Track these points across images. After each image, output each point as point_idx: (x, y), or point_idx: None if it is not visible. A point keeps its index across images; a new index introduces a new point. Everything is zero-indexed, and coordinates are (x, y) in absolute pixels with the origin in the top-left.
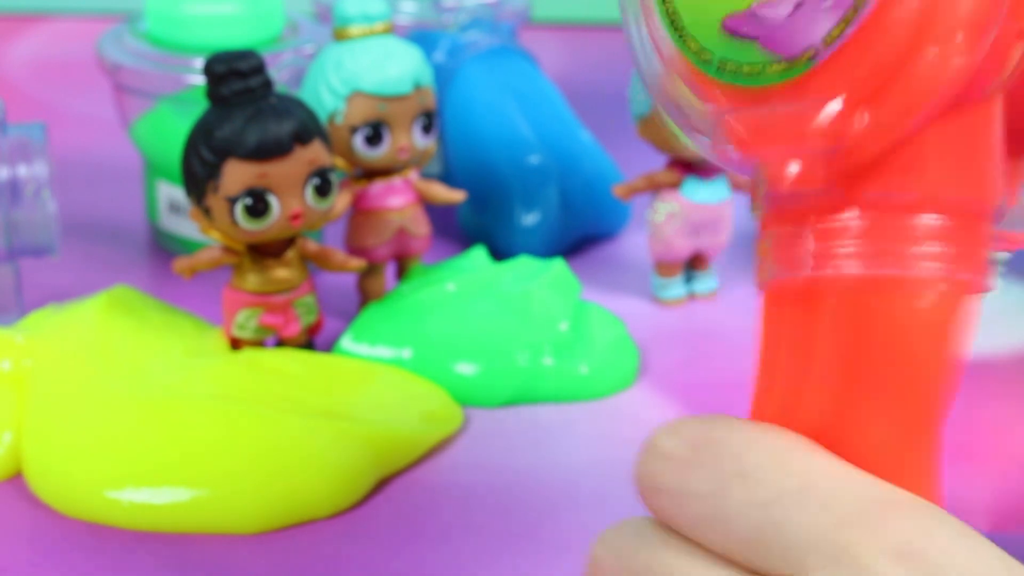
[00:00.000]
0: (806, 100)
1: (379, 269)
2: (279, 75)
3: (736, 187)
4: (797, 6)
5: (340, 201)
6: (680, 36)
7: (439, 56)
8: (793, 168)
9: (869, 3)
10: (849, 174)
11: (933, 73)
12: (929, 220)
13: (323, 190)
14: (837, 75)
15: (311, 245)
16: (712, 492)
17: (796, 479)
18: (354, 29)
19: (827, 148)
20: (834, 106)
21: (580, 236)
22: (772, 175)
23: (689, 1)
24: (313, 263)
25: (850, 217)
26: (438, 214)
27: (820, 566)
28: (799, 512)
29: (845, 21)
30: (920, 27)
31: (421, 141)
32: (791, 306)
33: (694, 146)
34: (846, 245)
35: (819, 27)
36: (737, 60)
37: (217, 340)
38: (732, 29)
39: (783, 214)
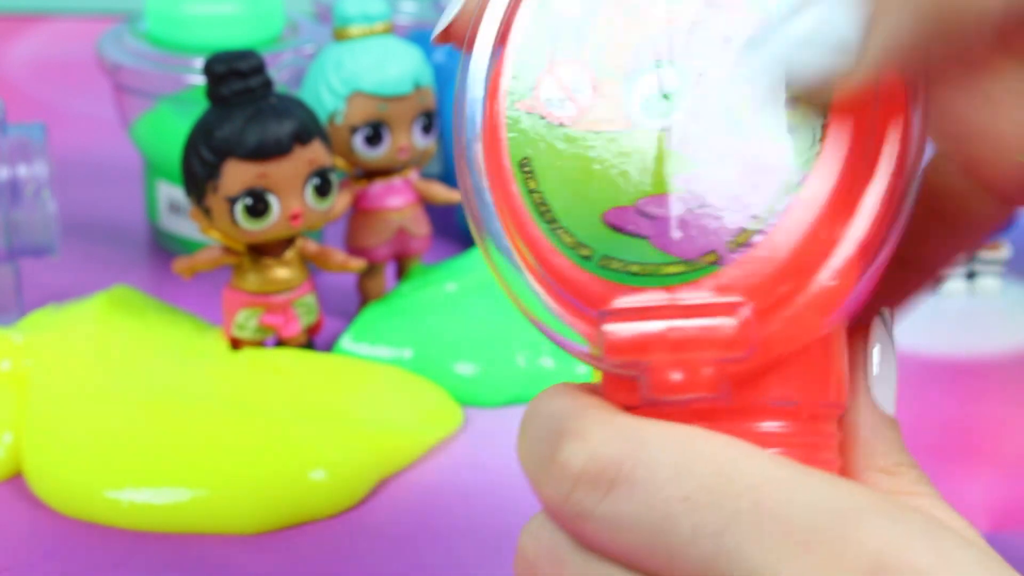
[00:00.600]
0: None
1: (379, 269)
2: (279, 75)
3: None
4: (694, 209)
5: (340, 201)
6: (552, 228)
7: (439, 56)
8: (677, 376)
9: (779, 210)
10: (737, 381)
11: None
12: (776, 426)
13: (323, 190)
14: (744, 280)
15: (311, 245)
16: (654, 522)
17: (747, 498)
18: (354, 29)
19: (731, 356)
20: (744, 312)
21: None
22: (654, 381)
23: (561, 190)
24: (313, 263)
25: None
26: (438, 214)
27: None
28: (756, 538)
29: (753, 228)
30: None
31: (421, 141)
32: None
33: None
34: None
35: (722, 231)
36: (624, 258)
37: (217, 340)
38: (616, 225)
39: (656, 410)
